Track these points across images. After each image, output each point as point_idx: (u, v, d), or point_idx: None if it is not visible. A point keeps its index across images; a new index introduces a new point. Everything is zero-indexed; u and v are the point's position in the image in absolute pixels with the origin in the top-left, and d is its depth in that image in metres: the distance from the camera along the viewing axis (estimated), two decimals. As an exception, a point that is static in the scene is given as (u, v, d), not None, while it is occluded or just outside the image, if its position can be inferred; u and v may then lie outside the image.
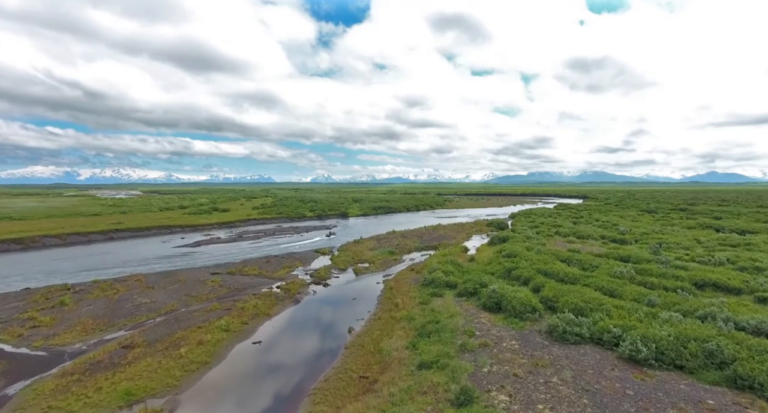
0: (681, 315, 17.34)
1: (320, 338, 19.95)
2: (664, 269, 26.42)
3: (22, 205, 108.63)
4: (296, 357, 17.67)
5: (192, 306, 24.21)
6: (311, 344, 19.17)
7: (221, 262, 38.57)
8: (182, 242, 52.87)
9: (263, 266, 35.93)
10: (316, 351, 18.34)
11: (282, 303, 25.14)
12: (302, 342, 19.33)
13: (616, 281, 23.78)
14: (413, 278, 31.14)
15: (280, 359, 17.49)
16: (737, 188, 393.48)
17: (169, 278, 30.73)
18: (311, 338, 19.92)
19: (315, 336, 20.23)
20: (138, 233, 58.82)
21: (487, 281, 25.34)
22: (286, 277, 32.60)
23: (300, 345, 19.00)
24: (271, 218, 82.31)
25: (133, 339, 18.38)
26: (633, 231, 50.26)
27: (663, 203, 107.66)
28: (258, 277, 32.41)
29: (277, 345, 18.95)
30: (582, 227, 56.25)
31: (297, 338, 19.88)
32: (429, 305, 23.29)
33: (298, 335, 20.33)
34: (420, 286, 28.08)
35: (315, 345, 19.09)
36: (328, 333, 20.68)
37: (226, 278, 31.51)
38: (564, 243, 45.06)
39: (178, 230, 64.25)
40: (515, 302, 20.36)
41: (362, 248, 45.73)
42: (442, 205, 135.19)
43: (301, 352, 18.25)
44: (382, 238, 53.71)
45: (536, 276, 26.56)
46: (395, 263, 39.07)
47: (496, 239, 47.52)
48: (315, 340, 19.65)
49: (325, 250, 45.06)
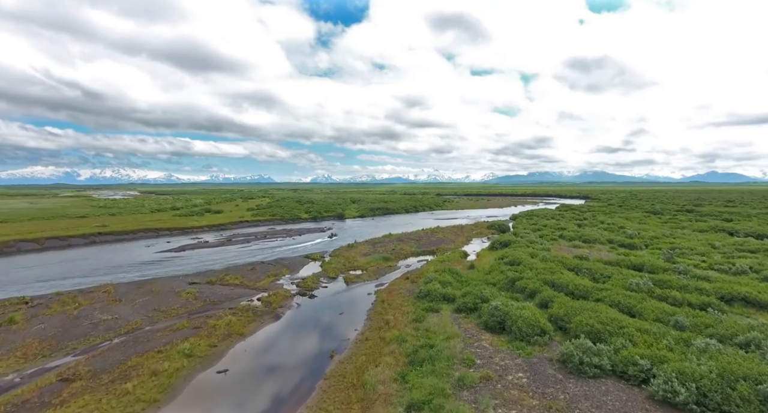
0: (717, 341, 14.74)
1: (297, 364, 17.32)
2: (685, 281, 23.81)
3: (12, 206, 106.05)
4: (265, 392, 15.05)
5: (158, 324, 21.59)
6: (285, 373, 16.54)
7: (203, 269, 35.96)
8: (167, 246, 50.26)
9: (247, 275, 33.31)
10: (290, 383, 15.71)
11: (260, 320, 22.52)
12: (275, 371, 16.70)
13: (634, 295, 21.17)
14: (408, 288, 28.54)
15: (246, 394, 14.86)
16: (739, 188, 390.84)
17: (142, 289, 28.12)
18: (286, 364, 17.29)
19: (291, 361, 17.60)
20: (122, 237, 56.18)
21: (488, 294, 22.73)
22: (270, 287, 29.99)
23: (272, 375, 16.38)
24: (264, 221, 79.67)
25: (77, 368, 15.76)
26: (642, 235, 47.68)
27: (668, 204, 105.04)
28: (239, 287, 29.79)
29: (245, 374, 16.32)
30: (587, 230, 53.65)
31: (270, 364, 17.25)
32: (423, 323, 20.70)
33: (272, 360, 17.70)
34: (414, 298, 25.48)
35: (290, 374, 16.46)
36: (307, 357, 18.05)
37: (204, 288, 28.90)
38: (569, 248, 42.49)
39: (165, 233, 61.62)
40: (521, 323, 17.76)
41: (355, 254, 43.12)
42: (441, 206, 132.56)
43: (273, 384, 15.63)
44: (377, 242, 51.09)
45: (543, 288, 23.98)
46: (390, 271, 36.46)
47: (498, 243, 44.95)
48: (290, 368, 17.02)
49: (315, 256, 42.44)
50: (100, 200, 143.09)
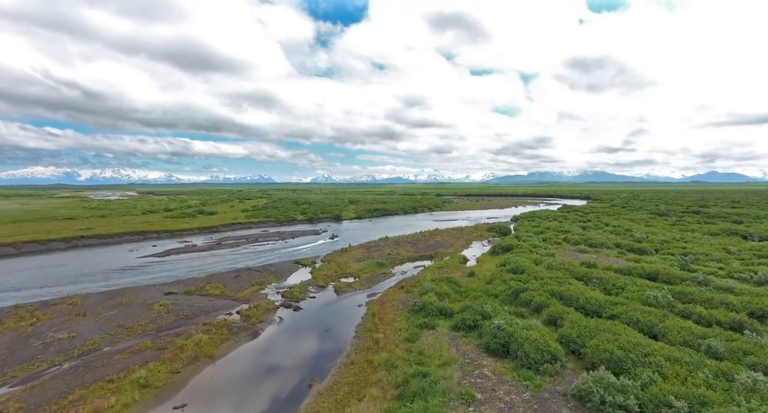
0: (764, 374, 12.39)
1: (268, 397, 14.95)
2: (708, 294, 21.44)
3: (2, 207, 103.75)
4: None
5: (119, 343, 19.25)
6: (253, 409, 14.17)
7: (185, 277, 33.59)
8: (152, 250, 47.91)
9: (230, 283, 30.96)
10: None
11: (235, 338, 20.17)
12: (241, 407, 14.33)
13: (653, 311, 18.80)
14: (402, 299, 26.19)
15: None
16: (741, 188, 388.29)
17: (112, 301, 25.76)
18: (256, 397, 14.92)
19: (262, 393, 15.23)
20: (107, 241, 53.81)
21: (489, 310, 20.37)
22: (253, 298, 27.63)
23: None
24: (258, 223, 77.30)
25: (6, 404, 13.42)
26: (650, 238, 45.31)
27: (672, 205, 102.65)
28: (219, 298, 27.43)
29: (205, 411, 13.95)
30: (592, 233, 51.28)
31: (236, 398, 14.87)
32: (417, 344, 18.36)
33: (240, 391, 15.34)
34: (408, 312, 23.13)
35: (258, 410, 14.09)
36: (282, 387, 15.68)
37: (180, 300, 26.54)
38: (575, 253, 40.12)
39: (153, 236, 59.26)
40: (528, 346, 15.40)
41: (348, 259, 40.76)
42: (440, 206, 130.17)
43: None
44: (372, 246, 48.73)
45: (550, 302, 21.64)
46: (384, 278, 34.11)
47: (499, 248, 42.59)
48: (260, 401, 14.65)
49: (306, 261, 40.08)
50: (94, 201, 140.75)
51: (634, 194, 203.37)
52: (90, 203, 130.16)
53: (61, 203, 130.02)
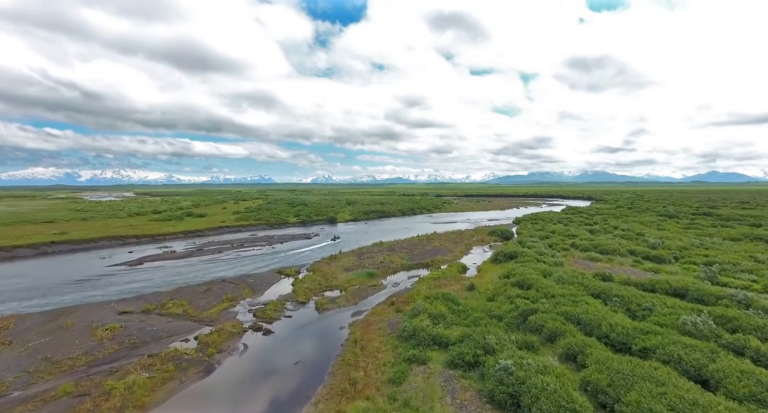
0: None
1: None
2: (758, 319, 17.71)
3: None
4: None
5: (35, 386, 15.55)
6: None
7: (149, 290, 29.92)
8: (126, 257, 44.25)
9: (197, 299, 27.27)
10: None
11: (181, 377, 16.48)
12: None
13: (698, 346, 15.08)
14: (390, 320, 22.50)
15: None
16: (746, 188, 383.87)
17: (52, 323, 22.10)
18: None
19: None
20: (80, 246, 50.16)
21: (493, 341, 16.66)
22: (219, 317, 23.94)
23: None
24: (247, 226, 73.62)
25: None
26: (666, 244, 41.54)
27: (680, 206, 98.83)
28: (179, 318, 23.74)
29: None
30: (602, 238, 47.51)
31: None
32: (403, 387, 14.68)
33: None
34: (397, 338, 19.47)
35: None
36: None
37: (133, 321, 22.86)
38: (585, 262, 36.43)
39: (132, 241, 55.60)
40: (545, 401, 11.73)
41: (336, 268, 37.06)
42: (440, 208, 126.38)
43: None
44: (364, 253, 45.01)
45: (566, 328, 17.96)
46: (373, 291, 30.41)
47: (501, 255, 38.86)
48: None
49: (289, 271, 36.38)
50: (84, 203, 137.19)
51: (637, 194, 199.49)
52: (79, 204, 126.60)
53: (49, 205, 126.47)
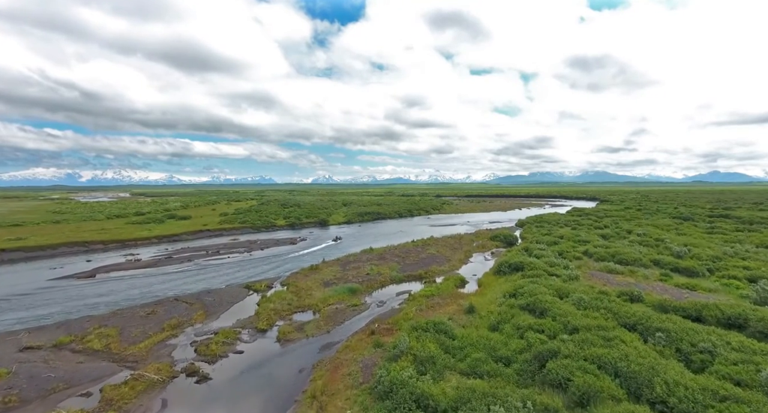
0: None
1: None
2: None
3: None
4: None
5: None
6: None
7: (80, 313, 24.77)
8: (82, 267, 39.14)
9: (131, 327, 22.10)
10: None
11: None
12: None
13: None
14: (365, 361, 17.30)
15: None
16: (752, 188, 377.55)
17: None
18: None
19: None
20: (35, 254, 45.06)
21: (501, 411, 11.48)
22: (148, 355, 18.75)
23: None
24: (230, 229, 68.47)
25: None
26: (694, 253, 36.25)
27: (692, 208, 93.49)
28: (96, 357, 18.57)
29: None
30: (618, 245, 42.20)
31: None
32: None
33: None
34: (369, 394, 14.32)
35: None
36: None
37: (34, 361, 17.71)
38: (604, 274, 31.24)
39: (97, 247, 50.48)
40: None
41: (314, 282, 31.87)
42: (439, 209, 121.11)
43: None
44: (350, 262, 39.80)
45: (602, 385, 12.78)
46: (353, 313, 25.22)
47: (506, 266, 33.65)
48: None
49: (258, 285, 31.22)
50: (71, 204, 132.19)
51: (643, 194, 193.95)
52: (64, 205, 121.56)
53: (32, 206, 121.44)
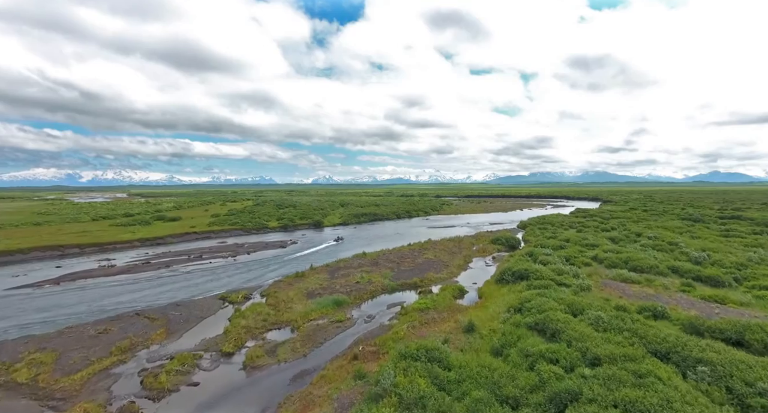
0: None
1: None
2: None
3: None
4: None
5: None
6: None
7: (23, 332, 21.68)
8: (48, 274, 36.06)
9: (73, 351, 18.99)
10: None
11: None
12: None
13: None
14: (342, 399, 14.17)
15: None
16: (755, 188, 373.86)
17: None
18: None
19: None
20: (3, 259, 41.95)
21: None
22: (82, 390, 15.64)
23: None
24: (219, 231, 65.37)
25: None
26: (715, 259, 33.13)
27: (700, 208, 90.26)
28: (16, 394, 15.43)
29: None
30: (629, 249, 39.00)
31: None
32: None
33: None
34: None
35: None
36: None
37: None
38: (618, 283, 28.11)
39: (73, 251, 47.36)
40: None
41: (297, 293, 28.74)
42: (438, 210, 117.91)
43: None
44: (339, 268, 36.67)
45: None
46: (336, 331, 22.10)
47: (509, 274, 30.51)
48: None
49: (235, 296, 28.09)
50: (62, 204, 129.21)
51: (646, 195, 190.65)
52: (54, 206, 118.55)
53: (20, 207, 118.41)
